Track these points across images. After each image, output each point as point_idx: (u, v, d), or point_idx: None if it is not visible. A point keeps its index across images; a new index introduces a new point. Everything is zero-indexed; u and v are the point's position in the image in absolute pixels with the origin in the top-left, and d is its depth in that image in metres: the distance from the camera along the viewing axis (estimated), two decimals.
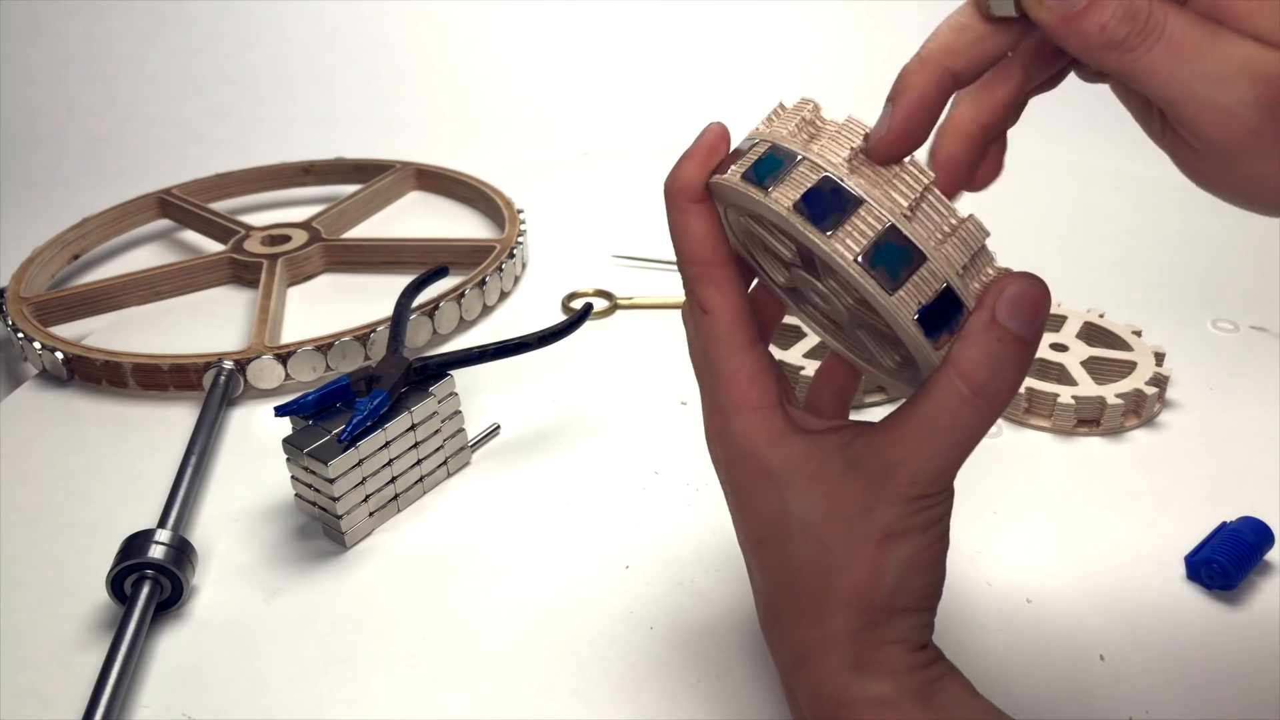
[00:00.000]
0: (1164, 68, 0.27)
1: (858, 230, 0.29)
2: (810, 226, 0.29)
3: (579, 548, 0.52)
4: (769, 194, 0.30)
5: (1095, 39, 0.27)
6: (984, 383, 0.29)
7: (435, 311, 0.69)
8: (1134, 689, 0.43)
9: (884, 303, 0.29)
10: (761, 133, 0.32)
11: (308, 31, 1.19)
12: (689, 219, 0.33)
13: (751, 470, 0.33)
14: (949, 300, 0.29)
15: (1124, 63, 0.27)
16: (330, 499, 0.50)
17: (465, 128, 1.13)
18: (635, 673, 0.44)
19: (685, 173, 0.33)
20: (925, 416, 0.30)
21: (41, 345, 0.66)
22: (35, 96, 1.10)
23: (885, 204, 0.29)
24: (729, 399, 0.34)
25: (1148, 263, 0.79)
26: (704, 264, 0.33)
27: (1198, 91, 0.27)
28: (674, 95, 1.18)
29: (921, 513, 0.31)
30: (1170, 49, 0.27)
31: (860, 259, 0.29)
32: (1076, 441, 0.58)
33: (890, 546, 0.31)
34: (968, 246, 0.29)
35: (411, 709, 0.43)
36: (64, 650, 0.46)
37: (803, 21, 1.24)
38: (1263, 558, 0.49)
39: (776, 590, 0.34)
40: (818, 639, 0.32)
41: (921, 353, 0.30)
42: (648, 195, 0.94)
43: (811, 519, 0.32)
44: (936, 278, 0.29)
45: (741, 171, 0.31)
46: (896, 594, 0.31)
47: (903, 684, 0.31)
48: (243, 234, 0.81)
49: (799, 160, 0.30)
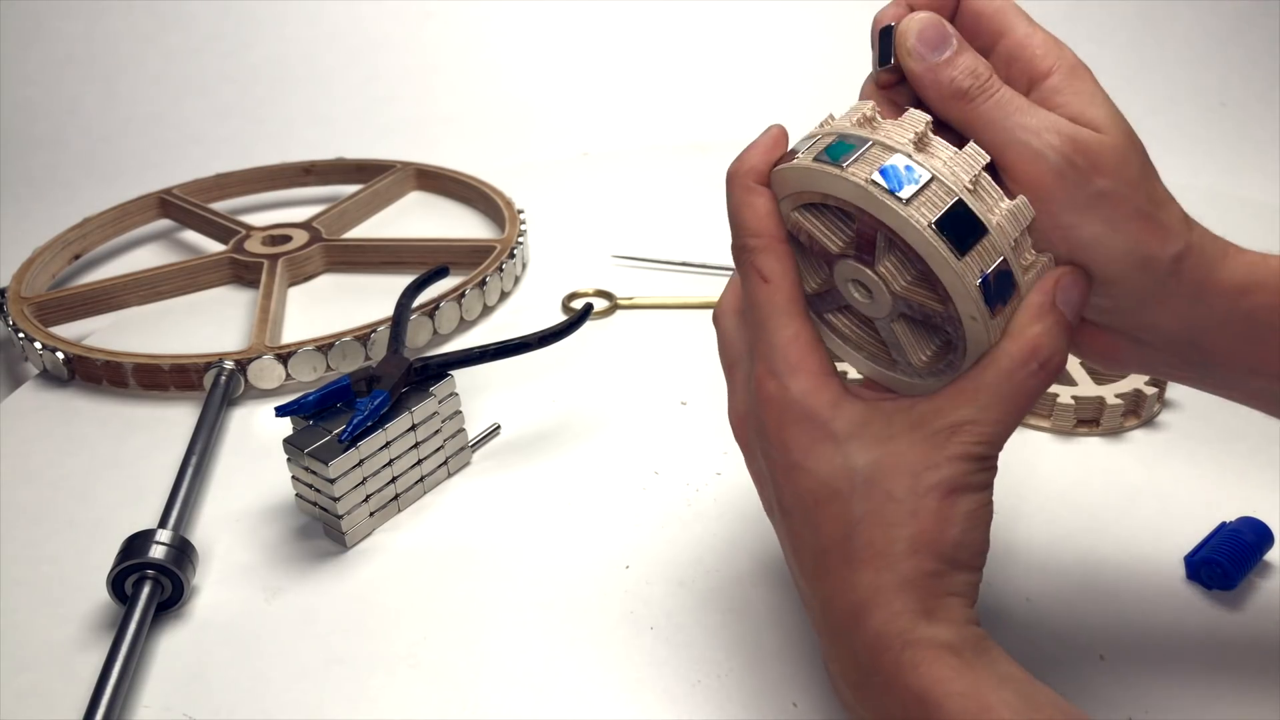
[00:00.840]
0: (995, 119, 0.33)
1: (930, 201, 0.32)
2: (888, 195, 0.32)
3: (579, 548, 0.52)
4: (845, 169, 0.33)
5: (946, 89, 0.33)
6: (1049, 356, 0.33)
7: (435, 312, 0.69)
8: (1134, 689, 0.43)
9: (954, 266, 0.32)
10: (819, 131, 0.35)
11: (308, 31, 1.19)
12: (754, 197, 0.36)
13: (810, 431, 0.35)
14: (1005, 274, 0.33)
15: (964, 112, 0.33)
16: (331, 499, 0.50)
17: (465, 128, 1.13)
18: (635, 673, 0.44)
19: (752, 158, 0.36)
20: (991, 383, 0.34)
21: (42, 345, 0.66)
22: (35, 96, 1.10)
23: (951, 179, 0.32)
24: (787, 363, 0.35)
25: None
26: (768, 236, 0.36)
27: (1017, 138, 0.33)
28: (674, 95, 1.18)
29: (979, 473, 0.34)
30: (1000, 106, 0.33)
31: (934, 225, 0.32)
32: (1076, 441, 0.58)
33: (954, 500, 0.33)
34: (1018, 222, 0.33)
35: (411, 709, 0.43)
36: (64, 650, 0.46)
37: (803, 22, 1.24)
38: (1262, 558, 0.49)
39: (834, 543, 0.35)
40: (883, 583, 0.33)
41: (976, 324, 0.33)
42: (648, 195, 0.95)
43: (877, 473, 0.34)
44: (996, 249, 0.33)
45: (813, 155, 0.34)
46: (959, 546, 0.33)
47: (963, 634, 0.33)
48: (243, 234, 0.81)
49: (869, 143, 0.33)
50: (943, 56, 0.34)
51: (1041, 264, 0.34)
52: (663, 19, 1.24)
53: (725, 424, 0.40)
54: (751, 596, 0.48)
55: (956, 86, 0.33)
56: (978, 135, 0.33)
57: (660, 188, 0.96)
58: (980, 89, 0.33)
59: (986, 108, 0.33)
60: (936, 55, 0.34)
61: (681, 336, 0.70)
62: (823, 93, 1.17)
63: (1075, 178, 0.33)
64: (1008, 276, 0.33)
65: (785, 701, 0.43)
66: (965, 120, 0.34)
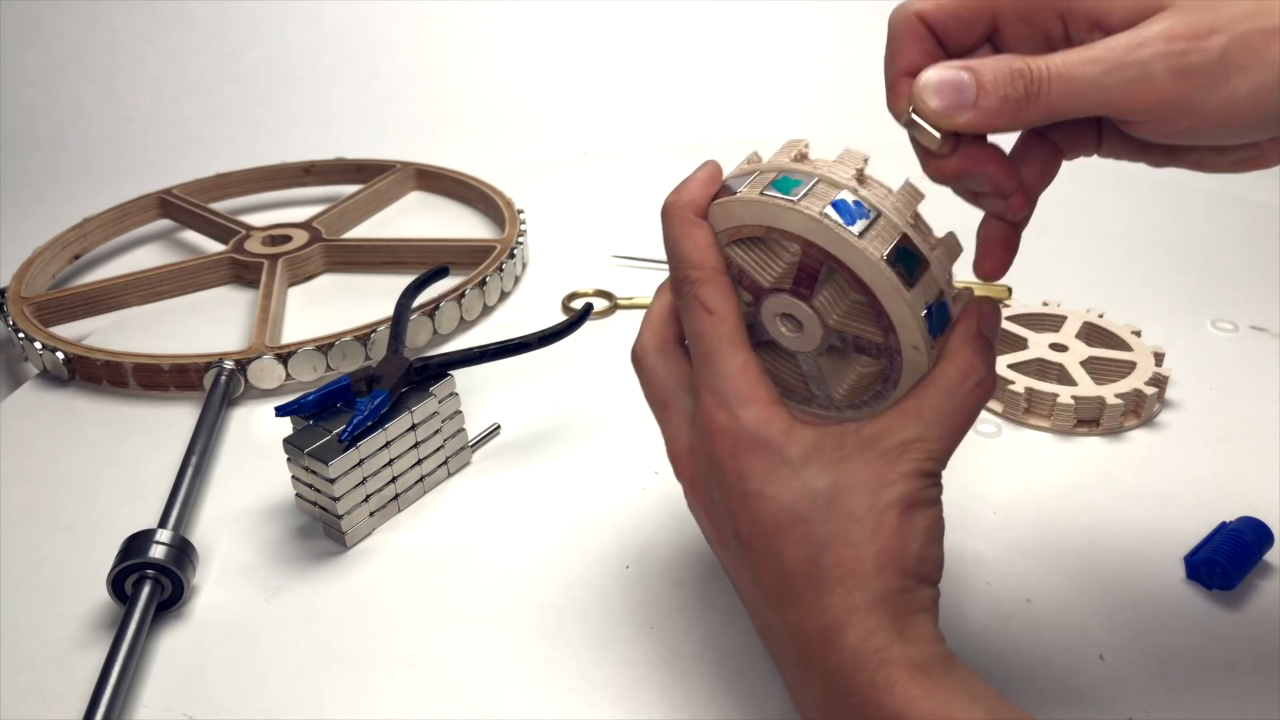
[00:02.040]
0: (1074, 89, 0.31)
1: (880, 236, 0.33)
2: (843, 229, 0.33)
3: (579, 548, 0.52)
4: (797, 203, 0.34)
5: (1011, 109, 0.31)
6: (982, 376, 0.35)
7: (435, 311, 0.69)
8: (1134, 689, 0.43)
9: (905, 298, 0.33)
10: (755, 168, 0.36)
11: (308, 31, 1.19)
12: (695, 229, 0.37)
13: (767, 458, 0.35)
14: (943, 304, 0.35)
15: (1046, 108, 0.31)
16: (331, 499, 0.50)
17: (465, 128, 1.13)
18: (635, 673, 0.44)
19: (690, 191, 0.37)
20: (933, 402, 0.35)
21: (42, 345, 0.66)
22: (35, 96, 1.10)
23: (895, 215, 0.34)
24: (738, 394, 0.36)
25: (1147, 263, 0.79)
26: (709, 269, 0.37)
27: (1109, 83, 0.30)
28: (673, 96, 1.18)
29: (930, 488, 0.35)
30: (1067, 75, 0.31)
31: (886, 258, 0.33)
32: (1076, 441, 0.58)
33: (912, 515, 0.34)
34: (949, 258, 0.35)
35: (411, 709, 0.43)
36: (64, 650, 0.46)
37: (802, 23, 1.24)
38: (1262, 558, 0.49)
39: (801, 567, 0.35)
40: (856, 603, 0.33)
41: (919, 351, 0.35)
42: (648, 195, 0.94)
43: (838, 495, 0.34)
44: (935, 282, 0.34)
45: (759, 190, 0.35)
46: (921, 560, 0.34)
47: (933, 652, 0.33)
48: (243, 234, 0.81)
49: (815, 179, 0.34)
50: (973, 94, 0.32)
51: (964, 296, 0.36)
52: (663, 19, 1.24)
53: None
54: None
55: (1016, 97, 0.31)
56: (1077, 111, 0.31)
57: (660, 188, 0.95)
58: (1033, 80, 0.31)
59: (1058, 90, 0.31)
60: (969, 95, 0.32)
61: None
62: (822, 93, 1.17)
63: (1192, 61, 0.30)
64: (945, 308, 0.35)
65: (785, 702, 0.43)
66: (1052, 114, 0.31)
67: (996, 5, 0.34)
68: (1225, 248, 0.81)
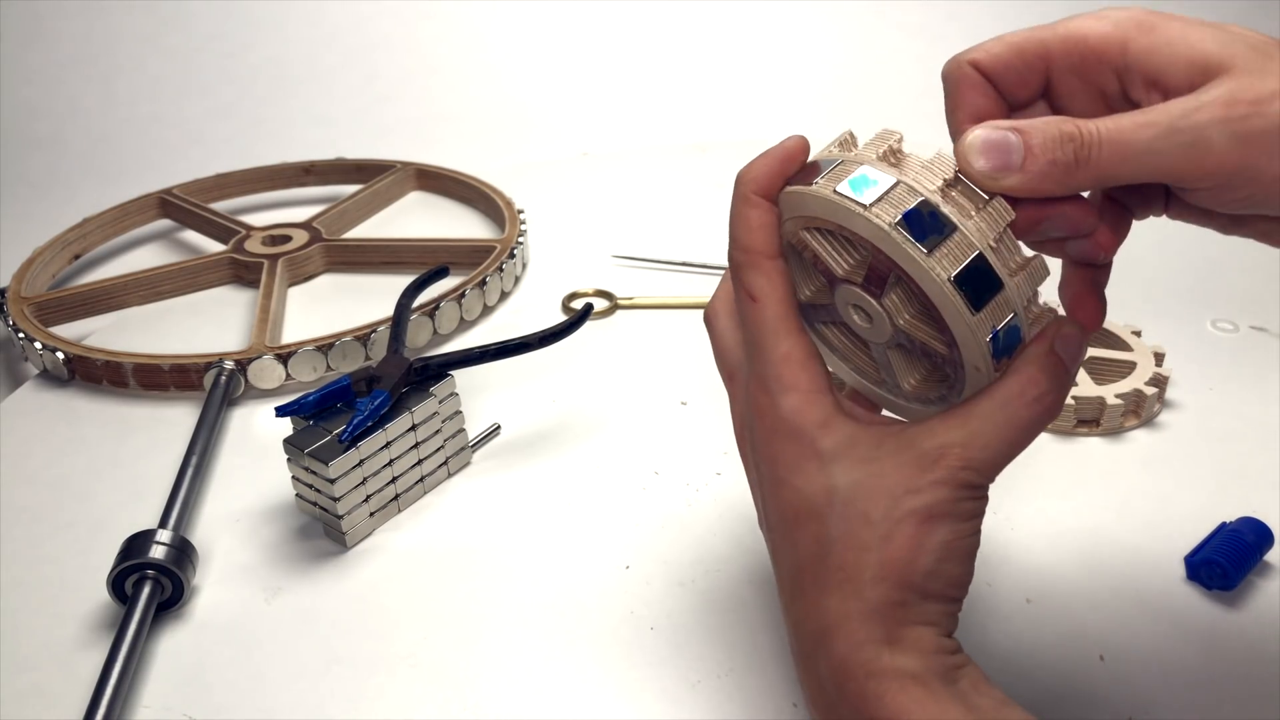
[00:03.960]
0: (1125, 154, 0.30)
1: (951, 254, 0.32)
2: (911, 243, 0.31)
3: (579, 548, 0.52)
4: (869, 209, 0.32)
5: (1059, 173, 0.30)
6: (1045, 391, 0.33)
7: (436, 311, 0.69)
8: (1134, 689, 0.43)
9: (968, 321, 0.32)
10: (844, 155, 0.34)
11: (308, 31, 1.19)
12: (750, 210, 0.35)
13: (798, 449, 0.34)
14: (1014, 329, 0.33)
15: (1096, 174, 0.30)
16: (331, 499, 0.50)
17: (465, 128, 1.13)
18: (635, 673, 0.44)
19: (760, 169, 0.35)
20: (985, 411, 0.33)
21: (42, 345, 0.66)
22: (35, 96, 1.10)
23: (976, 234, 0.32)
24: (779, 381, 0.35)
25: (1148, 263, 0.79)
26: (755, 253, 0.35)
27: (1163, 148, 0.30)
28: (674, 96, 1.18)
29: (964, 502, 0.33)
30: (1119, 140, 0.30)
31: (953, 280, 0.31)
32: (1076, 441, 0.58)
33: (931, 528, 0.32)
34: (1033, 282, 0.33)
35: (412, 709, 0.43)
36: (65, 650, 0.46)
37: (802, 22, 1.24)
38: (1262, 558, 0.49)
39: (810, 563, 0.34)
40: (850, 610, 0.33)
41: (978, 372, 0.33)
42: (648, 195, 0.95)
43: (857, 494, 0.33)
44: (1009, 306, 0.32)
45: (833, 186, 0.33)
46: (931, 576, 0.32)
47: (930, 664, 0.32)
48: (243, 234, 0.81)
49: (895, 183, 0.32)
50: (1020, 156, 0.31)
51: (1047, 316, 0.34)
52: (663, 19, 1.24)
53: (725, 424, 0.40)
54: (751, 597, 0.48)
55: (1064, 162, 0.30)
56: (1133, 178, 0.31)
57: (660, 188, 0.96)
58: (1083, 144, 0.30)
59: (1109, 152, 0.30)
60: (1016, 157, 0.31)
61: (681, 336, 0.70)
62: (822, 93, 1.17)
63: (1254, 126, 0.29)
64: (1016, 332, 0.33)
65: (785, 702, 0.43)
66: (1104, 179, 0.31)
67: (1050, 57, 0.34)
68: (1225, 248, 0.81)
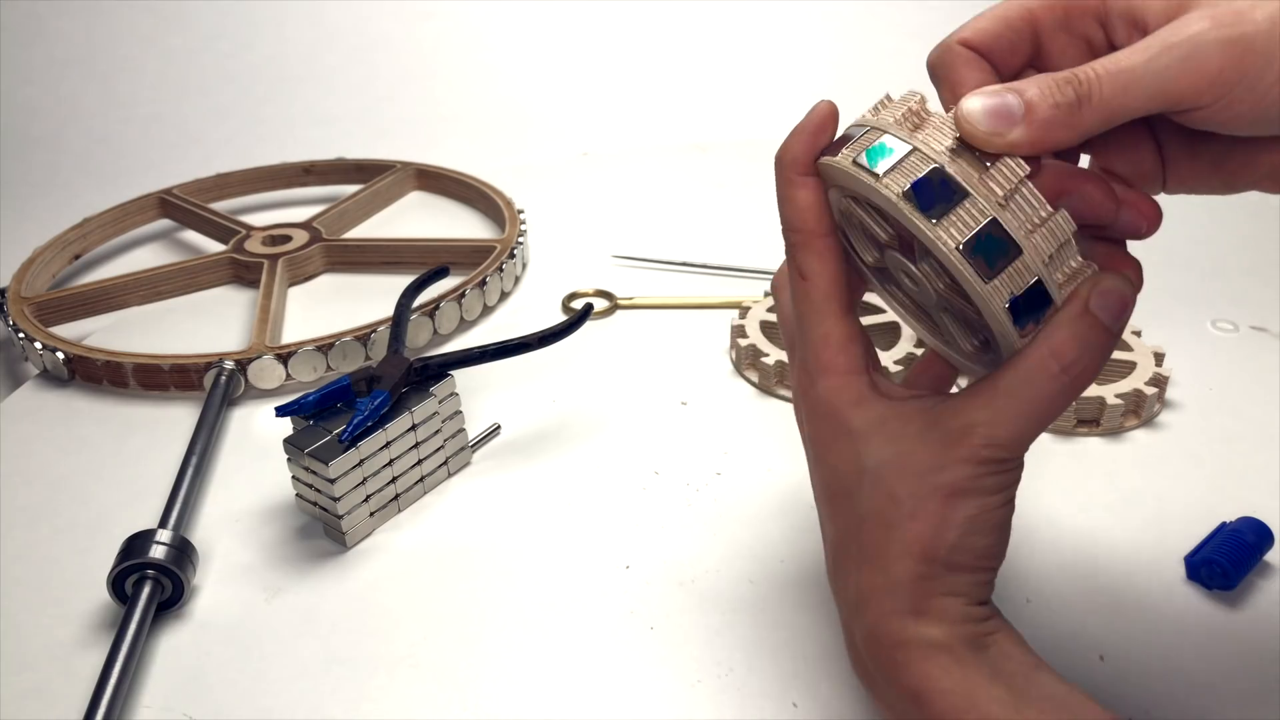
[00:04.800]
0: (1127, 81, 0.30)
1: (961, 221, 0.31)
2: (918, 214, 0.31)
3: (579, 548, 0.52)
4: (880, 180, 0.32)
5: (1064, 115, 0.30)
6: (1073, 361, 0.31)
7: (436, 311, 0.69)
8: (1134, 689, 0.43)
9: (979, 290, 0.31)
10: (869, 120, 0.34)
11: (308, 31, 1.19)
12: (796, 190, 0.35)
13: (832, 428, 0.35)
14: (1038, 293, 0.31)
15: (1103, 110, 0.30)
16: (331, 499, 0.50)
17: (465, 128, 1.13)
18: (635, 673, 0.44)
19: (794, 147, 0.35)
20: (1010, 385, 0.32)
21: (42, 345, 0.66)
22: (35, 96, 1.10)
23: (986, 197, 0.31)
24: (817, 362, 0.35)
25: (1147, 263, 0.79)
26: (807, 233, 0.35)
27: (1161, 66, 0.30)
28: (674, 96, 1.18)
29: (991, 476, 0.33)
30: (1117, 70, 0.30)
31: (961, 247, 0.31)
32: (1076, 441, 0.58)
33: (956, 503, 0.32)
34: (1055, 238, 0.31)
35: (412, 709, 0.43)
36: (65, 650, 0.46)
37: (802, 22, 1.24)
38: (1262, 558, 0.49)
39: (844, 538, 0.35)
40: (878, 584, 0.34)
41: (1007, 338, 0.32)
42: (648, 195, 0.95)
43: (884, 472, 0.34)
44: (1029, 270, 0.31)
45: (853, 156, 0.33)
46: (957, 549, 0.33)
47: (956, 632, 0.33)
48: (243, 234, 0.81)
49: (910, 149, 0.32)
50: (1020, 109, 0.31)
51: (1086, 273, 0.32)
52: (663, 19, 1.24)
53: (725, 424, 0.40)
54: (751, 596, 0.48)
55: (1067, 105, 0.31)
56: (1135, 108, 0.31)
57: (660, 188, 0.96)
58: (1083, 83, 0.30)
59: (1112, 85, 0.30)
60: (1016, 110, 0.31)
61: (681, 336, 0.70)
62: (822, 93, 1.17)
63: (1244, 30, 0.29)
64: (1041, 295, 0.32)
65: (785, 701, 0.43)
66: (1109, 116, 0.31)
67: (1035, 19, 0.34)
68: (1225, 248, 0.81)
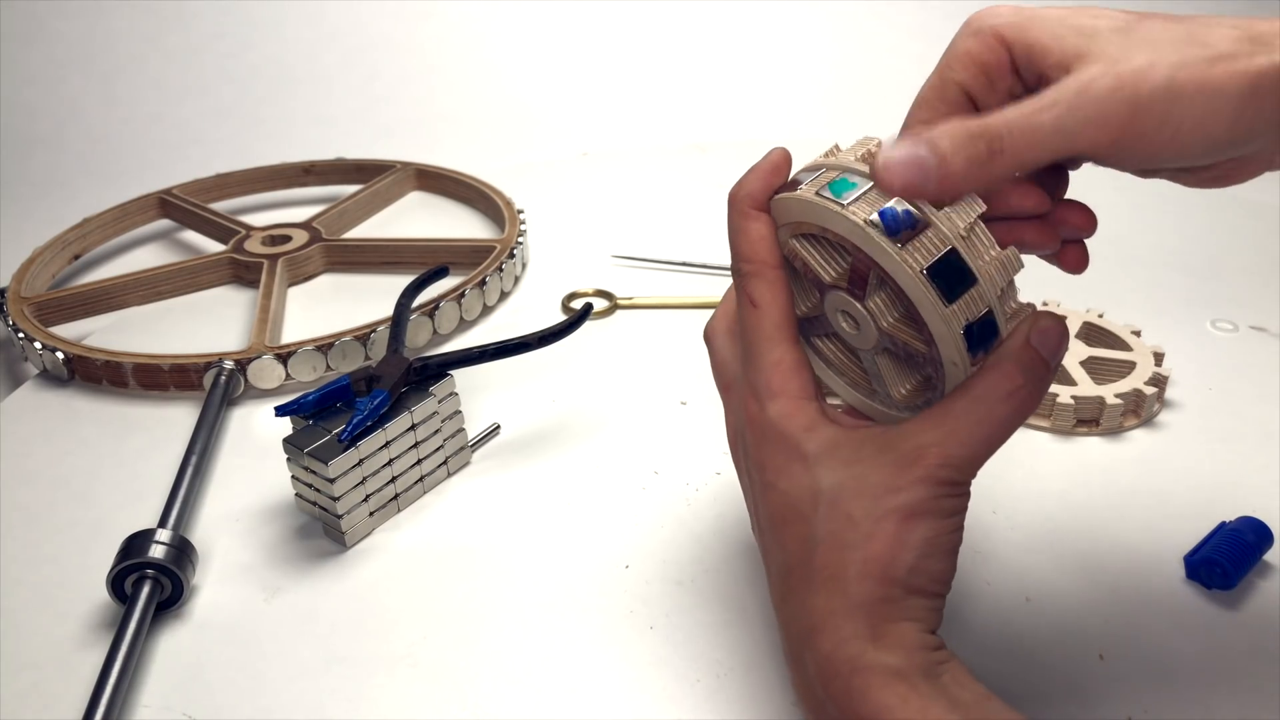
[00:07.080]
0: (1036, 138, 0.31)
1: (925, 248, 0.33)
2: (885, 238, 0.33)
3: (579, 548, 0.52)
4: (846, 208, 0.33)
5: (977, 169, 0.31)
6: (1019, 386, 0.33)
7: (435, 311, 0.69)
8: (1134, 689, 0.43)
9: (941, 313, 0.33)
10: (824, 162, 0.36)
11: (308, 31, 1.19)
12: (750, 223, 0.37)
13: (785, 452, 0.36)
14: (989, 323, 0.34)
15: (1014, 160, 0.31)
16: (330, 499, 0.50)
17: (465, 128, 1.13)
18: (635, 673, 0.44)
19: (750, 184, 0.37)
20: (962, 409, 0.34)
21: (42, 345, 0.66)
22: (35, 96, 1.10)
23: (947, 227, 0.33)
24: (769, 387, 0.36)
25: (1147, 263, 0.79)
26: (760, 263, 0.37)
27: (1067, 125, 0.31)
28: (674, 96, 1.18)
29: (944, 499, 0.34)
30: (1025, 125, 0.31)
31: (926, 271, 0.32)
32: (1076, 441, 0.58)
33: (912, 525, 0.33)
34: (1006, 273, 0.33)
35: (411, 709, 0.43)
36: (64, 650, 0.46)
37: (802, 23, 1.24)
38: (1262, 558, 0.49)
39: (797, 563, 0.35)
40: (835, 607, 0.33)
41: (958, 366, 0.34)
42: (648, 195, 0.95)
43: (840, 495, 0.34)
44: (983, 300, 0.33)
45: (815, 190, 0.35)
46: (914, 572, 0.33)
47: (913, 660, 0.33)
48: (243, 234, 0.81)
49: (871, 185, 0.34)
50: (935, 163, 0.31)
51: (1026, 312, 0.34)
52: (663, 19, 1.24)
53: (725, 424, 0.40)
54: (751, 596, 0.48)
55: (979, 156, 0.31)
56: (1052, 157, 0.32)
57: (660, 188, 0.96)
58: (993, 138, 0.31)
59: (1015, 145, 0.31)
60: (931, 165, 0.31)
61: (681, 336, 0.70)
62: (822, 93, 1.17)
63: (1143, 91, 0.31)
64: (991, 325, 0.34)
65: (785, 701, 0.43)
66: (1021, 165, 0.32)
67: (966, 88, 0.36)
68: (1225, 248, 0.81)
